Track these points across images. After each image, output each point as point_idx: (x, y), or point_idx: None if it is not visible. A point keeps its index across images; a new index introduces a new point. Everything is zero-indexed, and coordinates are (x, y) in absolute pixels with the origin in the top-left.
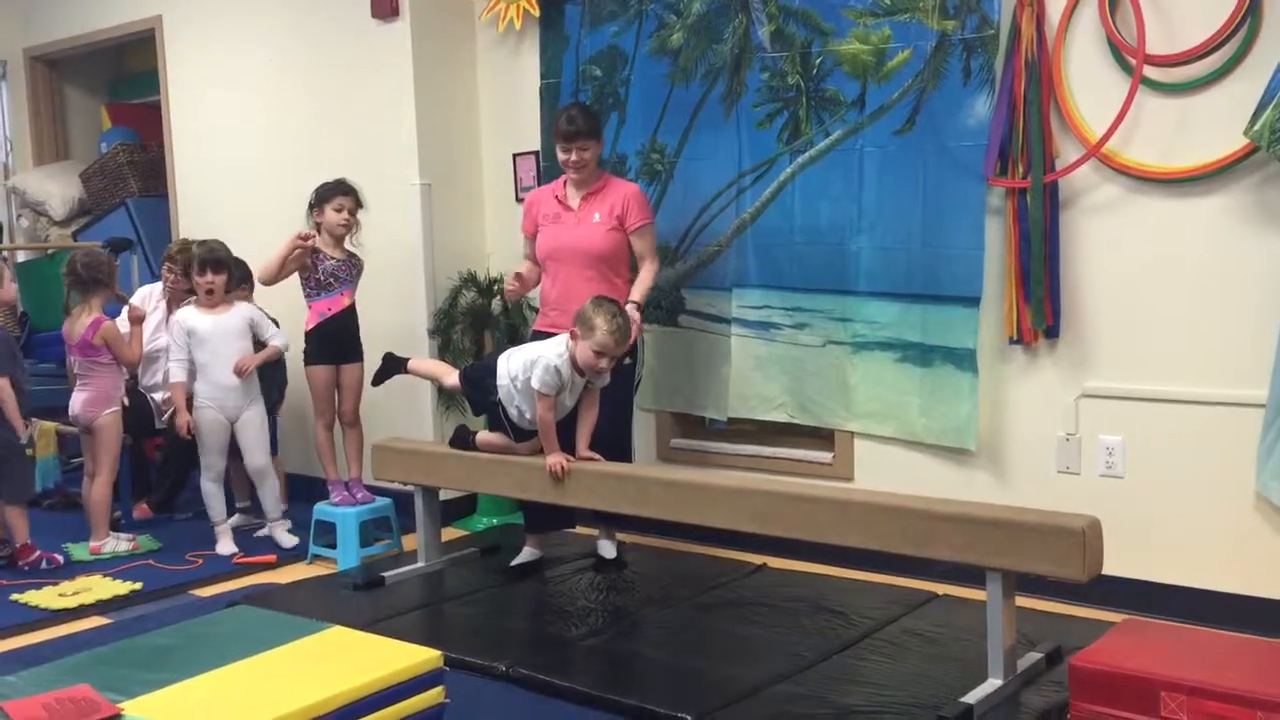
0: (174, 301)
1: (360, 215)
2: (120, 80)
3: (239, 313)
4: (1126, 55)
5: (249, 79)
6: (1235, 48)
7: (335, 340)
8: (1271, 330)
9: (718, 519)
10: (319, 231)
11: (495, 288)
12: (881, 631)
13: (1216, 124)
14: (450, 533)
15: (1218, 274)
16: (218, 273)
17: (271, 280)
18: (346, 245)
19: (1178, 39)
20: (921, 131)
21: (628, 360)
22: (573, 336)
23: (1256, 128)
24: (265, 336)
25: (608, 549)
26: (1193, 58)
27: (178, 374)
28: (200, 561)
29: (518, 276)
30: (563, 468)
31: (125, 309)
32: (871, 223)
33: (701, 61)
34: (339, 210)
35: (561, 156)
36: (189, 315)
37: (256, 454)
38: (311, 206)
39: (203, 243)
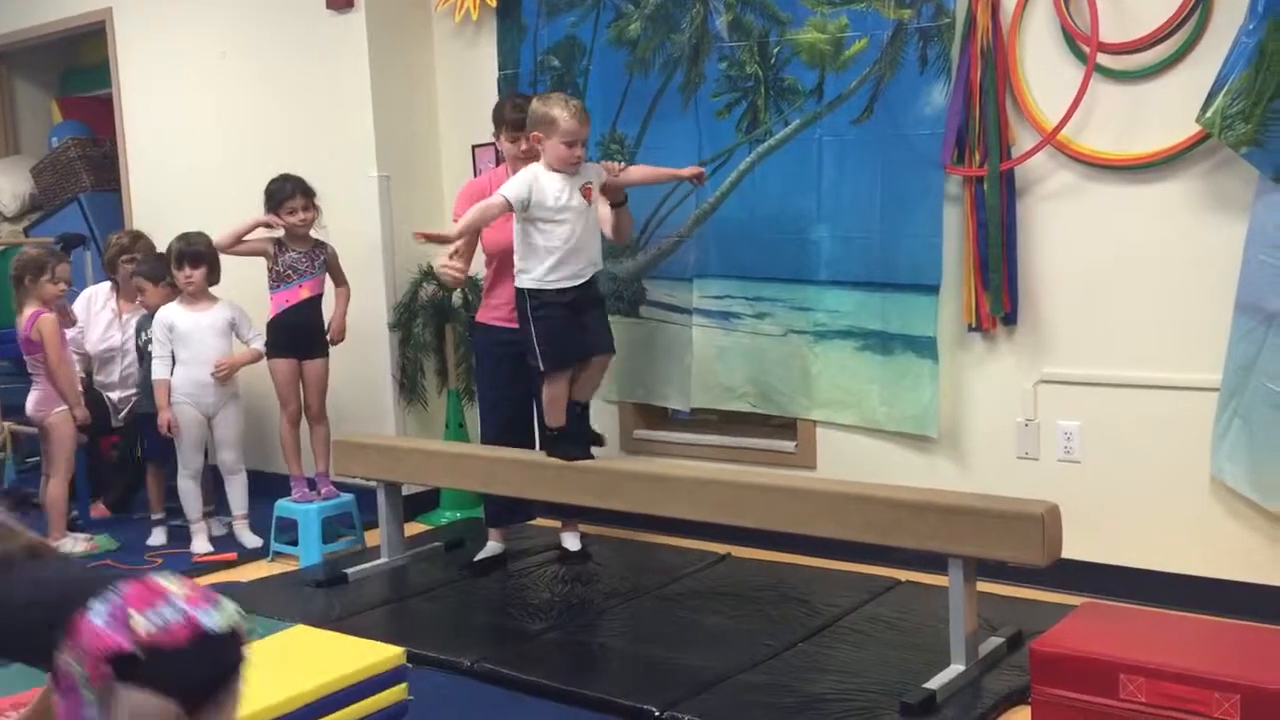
0: (126, 294)
1: (319, 203)
2: (71, 73)
3: (220, 311)
4: (1080, 43)
5: (202, 72)
6: (1187, 35)
7: (295, 333)
8: (1225, 314)
9: (682, 510)
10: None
11: None
12: (845, 619)
13: (1169, 111)
14: (413, 528)
15: (1171, 259)
16: (196, 267)
17: (225, 249)
18: (312, 234)
19: (1131, 27)
20: (879, 120)
21: None
22: (537, 143)
23: (1208, 115)
24: (246, 337)
25: (571, 541)
26: (1145, 45)
27: (160, 371)
28: (160, 561)
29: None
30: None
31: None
32: (831, 212)
33: (660, 51)
34: (293, 213)
35: (509, 148)
36: (170, 311)
37: (229, 450)
38: (268, 211)
39: (182, 236)
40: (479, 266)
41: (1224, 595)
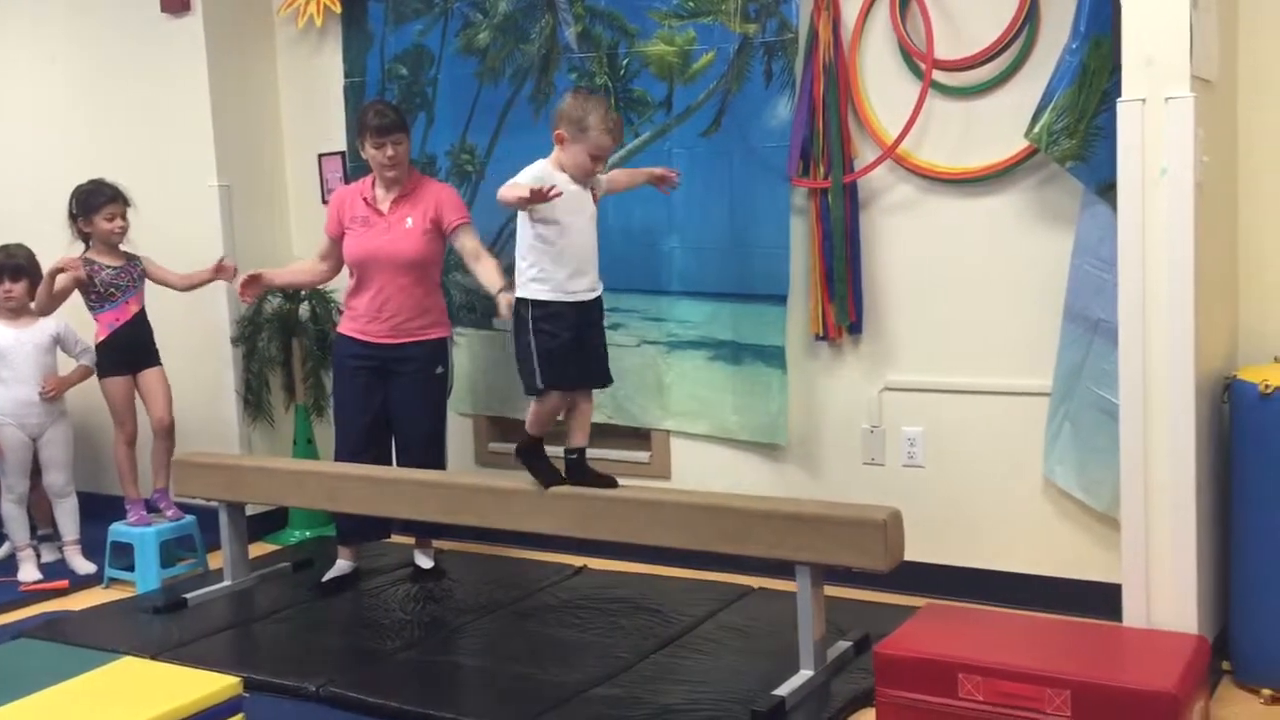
0: None
1: (152, 218)
2: None
3: (44, 327)
4: (917, 60)
5: (30, 75)
6: (1016, 53)
7: (128, 349)
8: (1054, 322)
9: (536, 524)
10: (87, 243)
11: (302, 293)
12: (698, 628)
13: (1000, 126)
14: (261, 548)
15: (1004, 269)
16: (16, 280)
17: (51, 310)
18: (121, 248)
19: (964, 45)
20: (727, 133)
21: (439, 369)
22: (559, 141)
23: (1036, 130)
24: (74, 352)
25: (424, 559)
26: (977, 63)
27: None
28: None
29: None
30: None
31: None
32: (682, 223)
33: (509, 61)
34: (111, 219)
35: (374, 154)
36: None
37: (58, 473)
38: (74, 216)
39: (1, 248)
40: (341, 281)
41: (1057, 592)
